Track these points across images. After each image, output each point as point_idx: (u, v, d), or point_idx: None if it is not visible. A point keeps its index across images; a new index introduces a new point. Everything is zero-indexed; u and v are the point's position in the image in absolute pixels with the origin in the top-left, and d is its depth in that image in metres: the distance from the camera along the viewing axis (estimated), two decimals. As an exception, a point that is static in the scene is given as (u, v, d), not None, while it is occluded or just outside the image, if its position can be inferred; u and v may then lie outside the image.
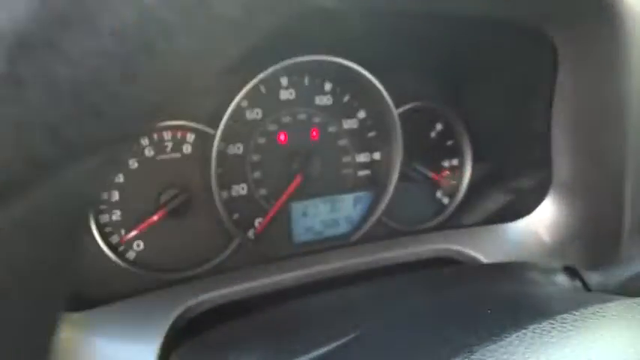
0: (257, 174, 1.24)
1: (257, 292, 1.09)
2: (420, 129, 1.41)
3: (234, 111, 1.18)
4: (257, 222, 1.24)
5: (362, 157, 1.36)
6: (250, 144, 1.23)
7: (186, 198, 1.15)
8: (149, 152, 1.14)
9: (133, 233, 1.13)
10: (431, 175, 1.39)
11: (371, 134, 1.36)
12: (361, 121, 1.34)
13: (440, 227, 1.42)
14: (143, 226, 1.13)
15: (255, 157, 1.23)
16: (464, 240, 1.25)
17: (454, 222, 1.44)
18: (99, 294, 1.07)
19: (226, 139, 1.19)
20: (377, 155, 1.37)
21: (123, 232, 1.13)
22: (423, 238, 1.31)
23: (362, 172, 1.36)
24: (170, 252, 1.17)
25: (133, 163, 1.13)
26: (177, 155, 1.17)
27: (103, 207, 1.11)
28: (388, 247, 1.27)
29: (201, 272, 1.18)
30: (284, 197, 1.24)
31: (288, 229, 1.29)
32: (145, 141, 1.14)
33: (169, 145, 1.16)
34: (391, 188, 1.32)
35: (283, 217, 1.28)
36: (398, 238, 1.31)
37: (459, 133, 1.44)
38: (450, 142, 1.46)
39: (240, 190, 1.23)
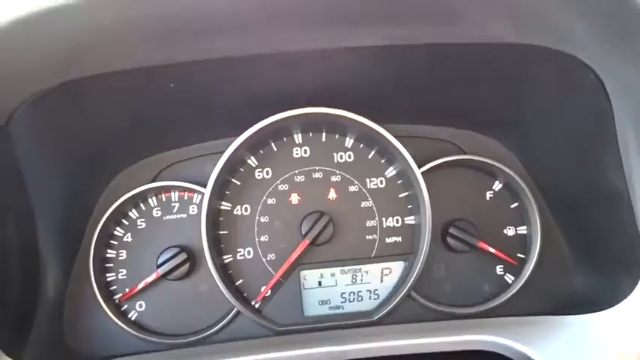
0: (264, 237, 1.28)
1: None
2: (469, 189, 1.34)
3: (243, 171, 1.27)
4: (262, 289, 1.27)
5: (391, 222, 1.31)
6: (258, 205, 1.28)
7: (185, 259, 1.24)
8: (156, 212, 1.29)
9: (133, 292, 1.25)
10: (477, 243, 1.28)
11: (402, 195, 1.31)
12: (389, 180, 1.31)
13: (491, 313, 1.28)
14: (141, 285, 1.25)
15: (263, 219, 1.28)
16: (519, 332, 1.12)
17: (511, 307, 1.29)
18: (92, 353, 1.21)
19: (231, 199, 1.27)
20: (410, 220, 1.31)
21: (127, 290, 1.27)
22: (465, 325, 1.22)
23: (391, 239, 1.31)
24: (170, 315, 1.27)
25: (142, 223, 1.28)
26: (184, 216, 1.28)
27: (109, 265, 1.27)
28: (419, 331, 1.19)
29: (197, 340, 1.24)
30: (288, 263, 1.25)
31: (299, 300, 1.29)
32: (153, 201, 1.29)
33: (176, 205, 1.29)
34: (422, 258, 1.25)
35: (294, 287, 1.29)
36: (434, 322, 1.25)
37: (524, 193, 1.31)
38: (514, 205, 1.33)
39: (247, 254, 1.28)
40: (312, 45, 0.97)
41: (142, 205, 1.28)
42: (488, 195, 1.33)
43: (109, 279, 1.26)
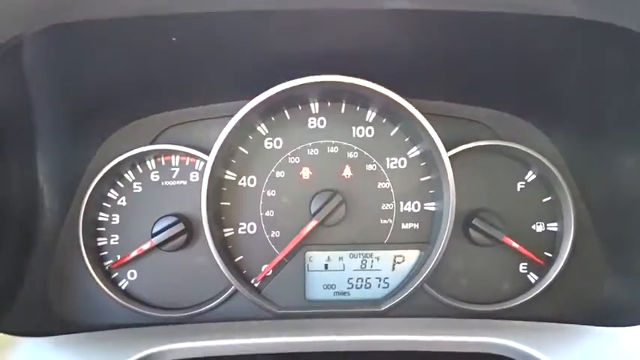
0: (270, 212, 1.26)
1: (245, 351, 1.09)
2: (499, 178, 1.29)
3: (251, 139, 1.23)
4: (263, 268, 1.25)
5: (409, 207, 1.27)
6: (266, 177, 1.25)
7: (182, 230, 1.22)
8: (154, 177, 1.25)
9: (125, 260, 1.24)
10: (502, 237, 1.24)
11: (424, 179, 1.26)
12: (411, 161, 1.26)
13: (509, 314, 1.25)
14: (134, 254, 1.23)
15: (270, 193, 1.25)
16: (538, 339, 1.09)
17: (531, 310, 1.25)
18: (79, 321, 1.22)
19: (236, 169, 1.24)
20: (431, 206, 1.27)
21: (119, 257, 1.25)
22: (480, 325, 1.19)
23: (407, 225, 1.28)
24: (163, 288, 1.25)
25: (138, 187, 1.25)
26: (184, 183, 1.25)
27: (101, 229, 1.25)
28: (429, 327, 1.19)
29: (189, 316, 1.23)
30: (293, 242, 1.23)
31: (302, 283, 1.27)
32: (151, 164, 1.25)
33: (176, 171, 1.25)
34: (440, 249, 1.21)
35: (298, 268, 1.27)
36: (446, 318, 1.23)
37: (559, 187, 1.25)
38: (546, 199, 1.28)
39: (249, 229, 1.26)
40: (340, 3, 0.89)
41: (139, 167, 1.26)
42: (520, 186, 1.28)
43: (99, 244, 1.24)
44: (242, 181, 1.25)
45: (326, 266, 1.27)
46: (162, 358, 1.06)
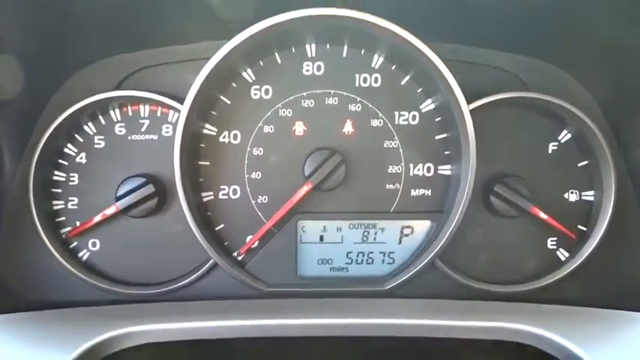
0: (256, 174, 1.18)
1: (225, 335, 1.04)
2: (528, 137, 1.21)
3: (235, 87, 1.15)
4: (248, 239, 1.18)
5: (420, 170, 1.20)
6: (252, 132, 1.17)
7: (152, 193, 1.14)
8: (120, 130, 1.16)
9: (85, 226, 1.15)
10: (529, 207, 1.17)
11: (439, 137, 1.19)
12: (424, 116, 1.18)
13: (534, 296, 1.19)
14: (96, 219, 1.14)
15: (257, 152, 1.17)
16: (567, 326, 1.04)
17: (559, 292, 1.19)
18: (34, 297, 1.15)
19: (217, 122, 1.16)
20: (446, 169, 1.20)
21: (78, 224, 1.16)
22: (499, 308, 1.15)
23: (417, 192, 1.20)
24: (130, 260, 1.18)
25: (100, 142, 1.16)
26: (155, 137, 1.16)
27: (57, 191, 1.16)
28: (440, 309, 1.14)
29: (161, 294, 1.17)
30: (284, 209, 1.16)
31: (293, 257, 1.20)
32: (116, 114, 1.16)
33: (146, 123, 1.16)
34: (455, 220, 1.14)
35: (289, 239, 1.20)
36: (460, 300, 1.18)
37: (600, 149, 1.16)
38: (582, 163, 1.20)
39: (232, 193, 1.18)
40: None
41: (101, 118, 1.17)
42: (552, 147, 1.21)
43: (55, 207, 1.16)
44: (224, 137, 1.17)
45: (321, 238, 1.21)
46: (128, 342, 1.01)
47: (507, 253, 1.23)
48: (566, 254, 1.23)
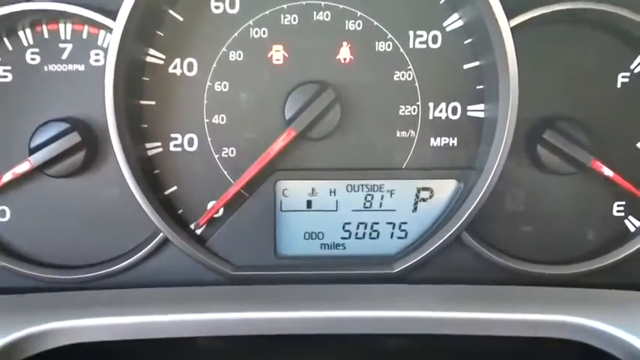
0: (219, 118, 1.06)
1: (179, 333, 0.96)
2: (588, 66, 1.08)
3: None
4: (210, 206, 1.07)
5: (443, 111, 1.07)
6: (213, 61, 1.05)
7: (78, 144, 1.01)
8: (32, 58, 1.03)
9: None
10: (589, 161, 1.05)
11: (469, 65, 1.06)
12: (449, 37, 1.05)
13: (595, 278, 1.09)
14: (4, 180, 1.02)
15: (220, 87, 1.05)
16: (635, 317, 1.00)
17: (627, 272, 1.10)
18: None
19: (164, 46, 1.03)
20: (477, 110, 1.07)
21: None
22: (549, 296, 1.05)
23: (439, 141, 1.08)
24: (50, 234, 1.08)
25: (6, 74, 1.03)
26: (81, 68, 1.04)
27: None
28: (469, 299, 1.05)
29: (92, 279, 1.06)
30: (258, 165, 1.04)
31: (271, 230, 1.10)
32: (26, 36, 1.03)
33: (68, 49, 1.03)
34: (489, 179, 1.03)
35: (265, 206, 1.08)
36: (496, 286, 1.09)
37: None
38: None
39: (187, 143, 1.06)
40: None
41: (6, 41, 1.06)
42: (621, 79, 1.11)
43: None
44: (174, 67, 1.06)
45: (309, 204, 1.12)
46: (49, 342, 0.93)
47: (559, 222, 1.16)
48: (638, 223, 1.15)
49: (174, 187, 1.11)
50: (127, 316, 0.97)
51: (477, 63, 1.09)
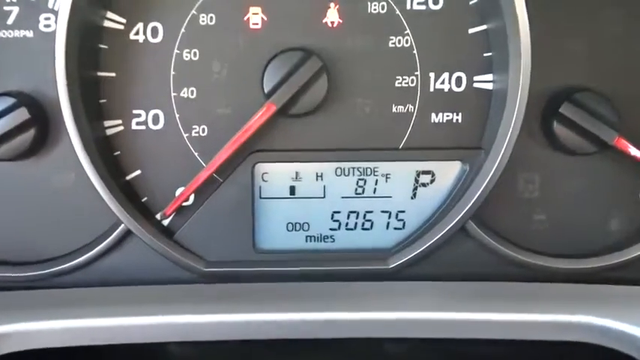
0: (188, 91, 1.01)
1: (141, 339, 0.92)
2: (612, 28, 1.06)
3: None
4: (178, 192, 1.03)
5: (446, 82, 1.03)
6: (180, 26, 1.00)
7: (27, 121, 0.96)
8: None
9: None
10: (613, 138, 1.01)
11: (474, 30, 1.01)
12: None
13: (617, 274, 1.06)
14: None
15: (189, 56, 1.00)
16: None
17: None
18: None
19: (124, 9, 0.99)
20: (485, 81, 1.02)
21: None
22: (565, 292, 1.02)
23: (441, 116, 1.04)
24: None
25: None
26: (29, 34, 0.99)
27: None
28: (476, 297, 1.02)
29: (44, 277, 1.02)
30: (232, 145, 1.00)
31: (249, 220, 1.05)
32: None
33: (14, 12, 0.98)
34: (499, 159, 0.99)
35: (241, 192, 1.04)
36: (506, 282, 1.05)
37: None
38: None
39: (151, 121, 1.01)
40: None
41: None
42: None
43: None
44: (136, 33, 1.02)
45: (292, 190, 1.09)
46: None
47: (577, 210, 1.12)
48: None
49: (138, 172, 1.08)
50: (83, 319, 0.93)
51: (484, 27, 1.06)
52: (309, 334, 0.98)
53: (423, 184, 1.11)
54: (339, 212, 1.11)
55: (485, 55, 1.07)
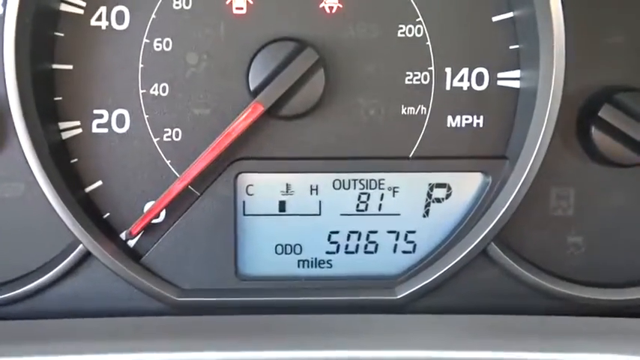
0: (160, 88, 0.98)
1: None
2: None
3: None
4: (147, 207, 1.00)
5: (464, 79, 1.00)
6: (151, 12, 0.97)
7: None
8: None
9: None
10: None
11: (498, 18, 0.99)
12: None
13: None
14: None
15: (160, 46, 0.97)
16: None
17: None
18: None
19: None
20: (511, 78, 0.99)
21: None
22: (605, 327, 1.00)
23: (460, 119, 1.02)
24: None
25: None
26: None
27: None
28: (499, 333, 0.99)
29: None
30: (213, 153, 0.97)
31: (231, 241, 1.02)
32: None
33: None
34: (527, 171, 0.96)
35: (222, 209, 1.01)
36: (533, 317, 1.02)
37: None
38: None
39: (116, 123, 0.98)
40: None
41: None
42: None
43: None
44: (98, 18, 1.00)
45: (282, 206, 1.06)
46: None
47: (619, 231, 1.10)
48: None
49: (99, 183, 1.05)
50: (32, 358, 0.89)
51: (510, 14, 1.04)
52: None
53: (437, 200, 1.10)
54: (337, 232, 1.10)
55: (511, 47, 1.05)
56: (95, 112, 1.03)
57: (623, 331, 1.06)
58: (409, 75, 1.05)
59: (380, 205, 1.08)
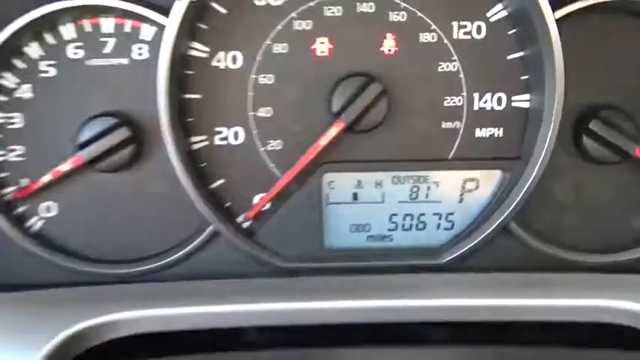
0: (265, 111, 1.20)
1: (227, 323, 1.07)
2: (635, 55, 1.22)
3: None
4: (257, 199, 1.21)
5: (488, 102, 1.21)
6: (257, 53, 1.18)
7: (128, 138, 1.14)
8: (74, 52, 1.16)
9: (36, 186, 1.16)
10: (635, 150, 1.19)
11: (513, 56, 1.20)
12: (494, 27, 1.19)
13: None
14: (48, 177, 1.15)
15: (265, 80, 1.18)
16: None
17: None
18: None
19: (208, 39, 1.16)
20: (523, 100, 1.21)
21: (26, 183, 1.18)
22: (597, 282, 1.19)
23: (485, 131, 1.22)
24: (98, 230, 1.21)
25: (49, 69, 1.16)
26: (124, 62, 1.17)
27: None
28: (517, 286, 1.17)
29: (140, 274, 1.20)
30: (305, 159, 1.17)
31: (318, 222, 1.23)
32: (68, 31, 1.16)
33: (110, 42, 1.16)
34: (536, 169, 1.16)
35: (312, 199, 1.22)
36: (545, 273, 1.21)
37: None
38: None
39: (232, 136, 1.20)
40: None
41: (48, 36, 1.17)
42: None
43: None
44: (218, 60, 1.19)
45: (355, 196, 1.25)
46: (101, 335, 1.03)
47: (605, 211, 1.27)
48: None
49: (221, 181, 1.23)
50: (179, 308, 1.07)
51: (521, 53, 1.21)
52: (371, 319, 1.10)
53: (469, 190, 1.25)
54: (396, 215, 1.26)
55: (522, 77, 1.22)
56: (217, 129, 1.21)
57: (613, 283, 1.18)
58: (447, 99, 1.22)
59: (427, 194, 1.24)
